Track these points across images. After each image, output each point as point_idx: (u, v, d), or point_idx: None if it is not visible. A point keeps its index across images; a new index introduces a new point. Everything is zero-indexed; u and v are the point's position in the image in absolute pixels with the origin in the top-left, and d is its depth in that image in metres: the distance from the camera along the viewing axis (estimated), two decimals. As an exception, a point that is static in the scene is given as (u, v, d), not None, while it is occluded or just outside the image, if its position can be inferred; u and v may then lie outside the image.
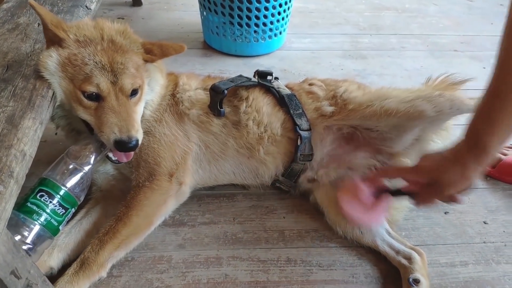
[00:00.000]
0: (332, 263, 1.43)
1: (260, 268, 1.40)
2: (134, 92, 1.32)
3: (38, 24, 1.51)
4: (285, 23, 2.62)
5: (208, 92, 1.52)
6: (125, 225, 1.29)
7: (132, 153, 1.37)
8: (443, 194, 1.15)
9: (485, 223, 1.59)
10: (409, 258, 1.37)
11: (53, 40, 1.26)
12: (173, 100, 1.51)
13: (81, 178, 1.28)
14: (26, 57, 1.33)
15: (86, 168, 1.30)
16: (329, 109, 1.56)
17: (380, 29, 3.06)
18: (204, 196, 1.65)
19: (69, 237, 1.35)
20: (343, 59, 2.65)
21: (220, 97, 1.48)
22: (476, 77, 2.62)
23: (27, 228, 1.17)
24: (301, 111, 1.55)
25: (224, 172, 1.58)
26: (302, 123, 1.53)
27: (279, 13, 2.47)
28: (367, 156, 1.57)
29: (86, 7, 1.76)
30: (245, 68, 2.49)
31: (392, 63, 2.61)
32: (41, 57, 1.26)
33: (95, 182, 1.48)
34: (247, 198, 1.65)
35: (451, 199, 1.17)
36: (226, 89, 1.48)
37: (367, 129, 1.55)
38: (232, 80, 1.57)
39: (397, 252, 1.41)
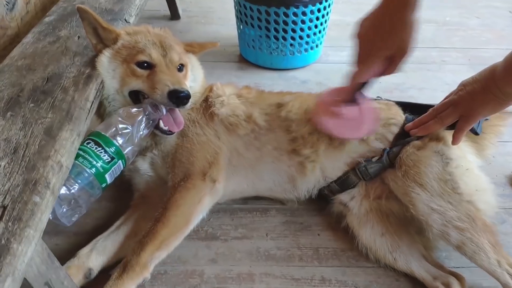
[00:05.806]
0: (368, 284, 1.37)
1: (294, 287, 1.36)
2: (181, 69, 1.49)
3: (78, 37, 1.55)
4: (322, 36, 2.59)
5: (242, 99, 1.58)
6: (163, 225, 1.31)
7: (183, 122, 1.44)
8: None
9: (536, 244, 1.50)
10: (447, 285, 1.31)
11: (106, 39, 1.44)
12: (206, 103, 1.57)
13: (130, 134, 1.32)
14: (65, 69, 1.36)
15: (136, 126, 1.33)
16: None
17: (420, 42, 2.93)
18: (237, 210, 1.63)
19: (107, 241, 1.39)
20: (381, 72, 2.58)
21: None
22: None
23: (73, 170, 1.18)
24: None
25: (262, 179, 1.55)
26: (394, 150, 1.46)
27: (315, 26, 2.45)
28: None
29: (125, 20, 1.80)
30: (281, 81, 2.47)
31: (433, 77, 2.53)
32: (97, 58, 1.42)
33: (137, 187, 1.54)
34: (280, 213, 1.62)
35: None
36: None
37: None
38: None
39: (435, 277, 1.34)
